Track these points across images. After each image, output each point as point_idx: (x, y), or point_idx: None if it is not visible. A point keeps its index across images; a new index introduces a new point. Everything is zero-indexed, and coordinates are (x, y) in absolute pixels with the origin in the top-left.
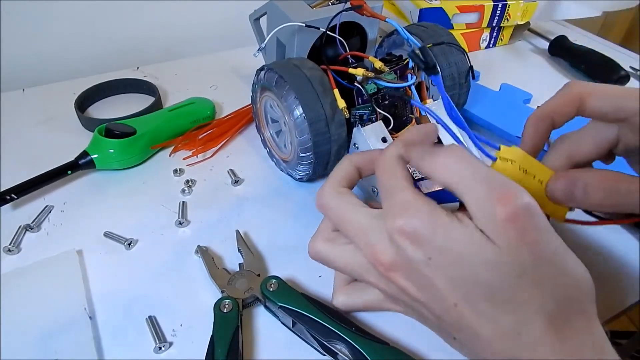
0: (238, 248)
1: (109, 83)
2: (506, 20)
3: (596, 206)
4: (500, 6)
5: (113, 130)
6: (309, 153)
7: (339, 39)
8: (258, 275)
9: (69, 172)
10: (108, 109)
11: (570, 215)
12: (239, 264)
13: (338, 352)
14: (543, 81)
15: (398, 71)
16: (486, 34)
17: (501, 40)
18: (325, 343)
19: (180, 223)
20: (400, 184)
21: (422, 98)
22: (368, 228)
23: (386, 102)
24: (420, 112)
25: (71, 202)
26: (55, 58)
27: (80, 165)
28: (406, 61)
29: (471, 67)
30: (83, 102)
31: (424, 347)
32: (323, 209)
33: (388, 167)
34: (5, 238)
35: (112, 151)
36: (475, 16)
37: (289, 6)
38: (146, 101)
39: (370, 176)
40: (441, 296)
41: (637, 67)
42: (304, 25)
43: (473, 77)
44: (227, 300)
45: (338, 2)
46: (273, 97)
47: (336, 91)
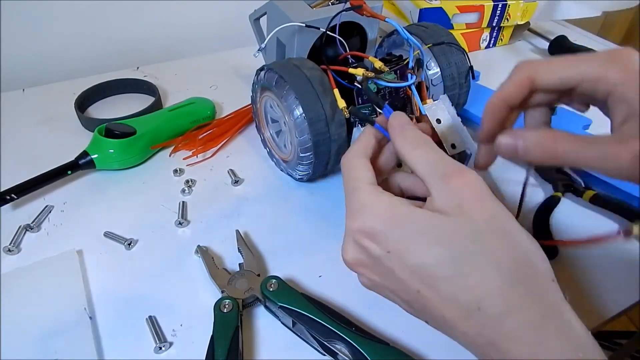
0: (238, 248)
1: (109, 83)
2: (506, 20)
3: (538, 163)
4: (500, 6)
5: (113, 130)
6: (309, 153)
7: (339, 39)
8: (258, 275)
9: (69, 172)
10: (108, 109)
11: None
12: (239, 264)
13: (338, 352)
14: None
15: (398, 71)
16: (486, 34)
17: (501, 40)
18: (325, 343)
19: (180, 223)
20: (355, 186)
21: (422, 98)
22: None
23: (386, 102)
24: (420, 112)
25: (71, 202)
26: (55, 58)
27: (80, 165)
28: (406, 61)
29: (471, 67)
30: (83, 102)
31: (424, 347)
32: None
33: (346, 170)
34: (5, 238)
35: (112, 151)
36: (475, 16)
37: (289, 6)
38: (146, 101)
39: None
40: (405, 285)
41: None
42: (304, 25)
43: (473, 77)
44: (227, 300)
45: (338, 2)
46: (273, 97)
47: (336, 91)
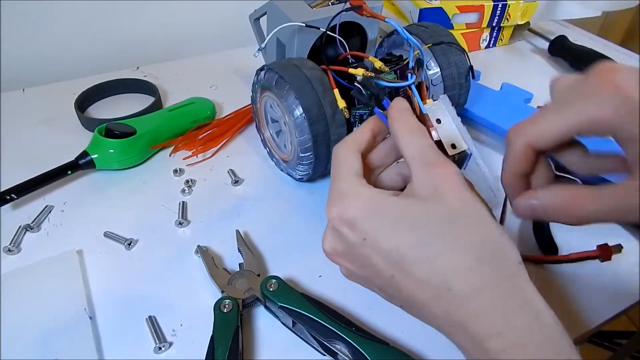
0: (238, 248)
1: (109, 83)
2: (506, 20)
3: (562, 222)
4: (500, 6)
5: (113, 130)
6: (309, 153)
7: (339, 39)
8: (258, 275)
9: (69, 172)
10: (108, 109)
11: None
12: (239, 264)
13: (338, 352)
14: (543, 81)
15: (398, 71)
16: (486, 34)
17: (501, 40)
18: (325, 343)
19: (180, 223)
20: (340, 174)
21: (422, 98)
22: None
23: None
24: (420, 111)
25: (71, 202)
26: (55, 58)
27: (80, 165)
28: (406, 61)
29: (471, 67)
30: (83, 102)
31: (424, 347)
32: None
33: (335, 160)
34: (5, 238)
35: (112, 151)
36: (475, 16)
37: (289, 6)
38: (146, 101)
39: None
40: (379, 271)
41: (637, 67)
42: (304, 25)
43: (473, 77)
44: (227, 300)
45: (338, 2)
46: (273, 97)
47: (336, 91)
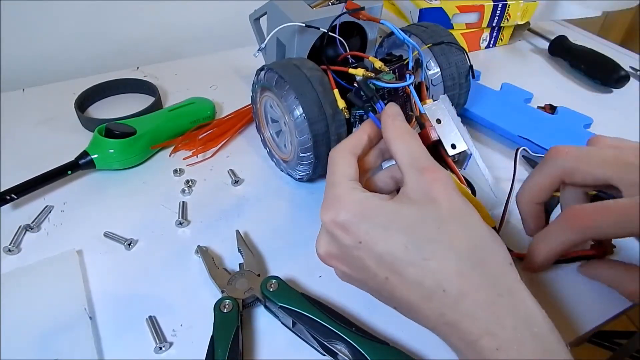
0: (238, 248)
1: (109, 83)
2: (506, 20)
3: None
4: (500, 6)
5: (113, 130)
6: (309, 153)
7: (339, 39)
8: (258, 275)
9: (69, 172)
10: (108, 109)
11: None
12: (239, 264)
13: (338, 352)
14: (543, 81)
15: (397, 71)
16: (486, 34)
17: (501, 40)
18: (325, 343)
19: (180, 223)
20: (335, 180)
21: (422, 98)
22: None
23: (385, 102)
24: (419, 111)
25: (71, 202)
26: (55, 58)
27: (80, 165)
28: (406, 61)
29: (471, 67)
30: (83, 102)
31: (424, 347)
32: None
33: (330, 164)
34: (5, 238)
35: (112, 151)
36: (475, 16)
37: (289, 6)
38: (146, 101)
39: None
40: (373, 273)
41: (637, 67)
42: (304, 25)
43: (473, 77)
44: (227, 300)
45: (338, 2)
46: (273, 97)
47: (336, 91)
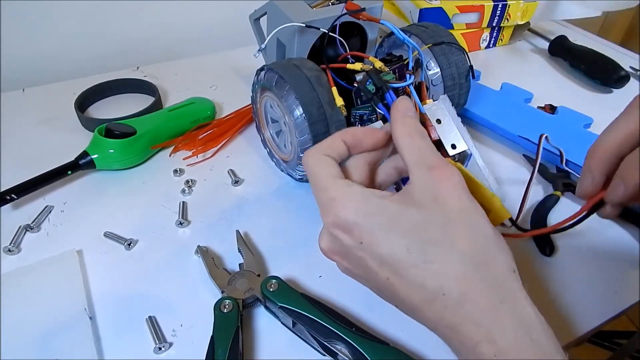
0: (238, 248)
1: (109, 83)
2: (506, 20)
3: None
4: (500, 6)
5: (113, 130)
6: None
7: (339, 39)
8: (258, 275)
9: (69, 172)
10: (108, 109)
11: None
12: (239, 264)
13: (338, 353)
14: (543, 81)
15: (397, 71)
16: (486, 34)
17: (501, 40)
18: (325, 343)
19: (180, 223)
20: (323, 184)
21: (422, 98)
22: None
23: (385, 102)
24: (419, 111)
25: (71, 202)
26: (55, 58)
27: (80, 165)
28: (406, 61)
29: (471, 67)
30: (83, 102)
31: (424, 347)
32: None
33: (309, 168)
34: (5, 238)
35: (112, 151)
36: (475, 16)
37: (289, 6)
38: (146, 101)
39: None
40: (375, 273)
41: (637, 67)
42: (304, 25)
43: (473, 77)
44: (228, 300)
45: (338, 2)
46: (273, 97)
47: (334, 89)
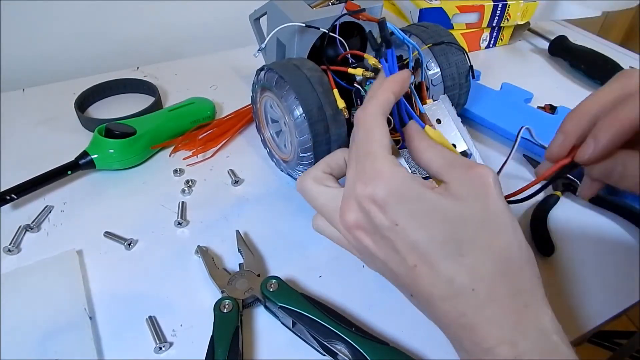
0: (238, 248)
1: (109, 83)
2: (506, 20)
3: (624, 188)
4: (500, 6)
5: (113, 130)
6: (309, 153)
7: (339, 39)
8: (258, 275)
9: (69, 172)
10: (108, 109)
11: None
12: (239, 264)
13: (338, 352)
14: (543, 81)
15: None
16: (486, 34)
17: (501, 40)
18: (325, 343)
19: (179, 223)
20: (373, 149)
21: (422, 98)
22: (338, 194)
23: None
24: (419, 110)
25: (71, 202)
26: (55, 58)
27: (80, 165)
28: (406, 61)
29: (471, 67)
30: (83, 102)
31: (424, 347)
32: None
33: (364, 129)
34: (5, 238)
35: (112, 151)
36: (475, 16)
37: (289, 6)
38: (146, 101)
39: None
40: (401, 258)
41: (637, 67)
42: (304, 25)
43: (473, 77)
44: (227, 300)
45: (338, 2)
46: (273, 97)
47: (336, 91)
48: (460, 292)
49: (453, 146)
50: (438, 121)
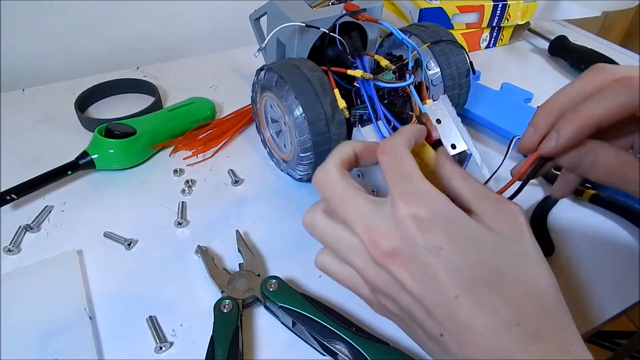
0: (238, 248)
1: (109, 83)
2: (506, 20)
3: (594, 179)
4: (500, 6)
5: (113, 130)
6: (309, 153)
7: (339, 39)
8: (258, 275)
9: (69, 172)
10: (108, 109)
11: None
12: (239, 264)
13: (338, 352)
14: (543, 81)
15: (397, 71)
16: (486, 34)
17: (501, 40)
18: (325, 343)
19: (179, 223)
20: (415, 173)
21: (422, 98)
22: (370, 211)
23: (385, 102)
24: (420, 110)
25: (71, 202)
26: (55, 58)
27: (80, 165)
28: (406, 61)
29: (471, 64)
30: (83, 102)
31: None
32: (322, 187)
33: (400, 155)
34: (5, 238)
35: (112, 151)
36: (475, 16)
37: (289, 6)
38: (146, 101)
39: (370, 173)
40: (441, 288)
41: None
42: (304, 25)
43: (474, 73)
44: (227, 300)
45: (338, 2)
46: (273, 97)
47: (336, 91)
48: (505, 327)
49: (452, 147)
50: (438, 121)
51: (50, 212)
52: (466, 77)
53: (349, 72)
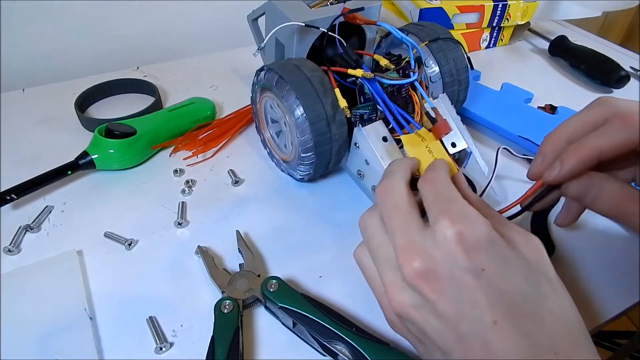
0: (238, 248)
1: (109, 83)
2: (506, 20)
3: (597, 211)
4: (500, 6)
5: (113, 130)
6: (310, 153)
7: (339, 39)
8: (258, 275)
9: (69, 172)
10: (108, 109)
11: None
12: (239, 265)
13: (338, 353)
14: (543, 81)
15: (400, 70)
16: (486, 34)
17: (501, 40)
18: (325, 344)
19: (180, 223)
20: (459, 197)
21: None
22: (415, 227)
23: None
24: (421, 110)
25: (71, 202)
26: (55, 58)
27: (80, 165)
28: (407, 59)
29: (469, 59)
30: (83, 102)
31: None
32: (385, 194)
33: (444, 181)
34: (5, 238)
35: (112, 151)
36: (475, 16)
37: (288, 6)
38: (146, 101)
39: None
40: (479, 312)
41: (637, 67)
42: (304, 25)
43: (472, 68)
44: (228, 300)
45: (337, 2)
46: (273, 98)
47: (337, 91)
48: (542, 355)
49: (452, 145)
50: None
51: (50, 212)
52: (465, 73)
53: (349, 71)
